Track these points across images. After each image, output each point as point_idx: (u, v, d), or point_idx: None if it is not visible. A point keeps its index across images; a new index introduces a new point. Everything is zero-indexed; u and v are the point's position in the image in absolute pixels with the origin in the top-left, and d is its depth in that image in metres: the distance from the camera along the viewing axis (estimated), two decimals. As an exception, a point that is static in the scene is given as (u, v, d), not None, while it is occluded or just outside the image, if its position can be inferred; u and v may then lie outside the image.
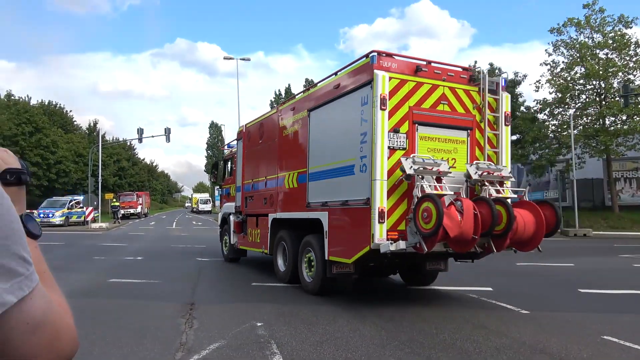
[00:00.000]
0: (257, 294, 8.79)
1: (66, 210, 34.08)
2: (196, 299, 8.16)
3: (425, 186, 6.80)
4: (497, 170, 7.35)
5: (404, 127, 7.17)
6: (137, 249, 18.11)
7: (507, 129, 7.87)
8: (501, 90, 7.94)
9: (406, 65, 7.38)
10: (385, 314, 7.04)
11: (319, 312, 7.12)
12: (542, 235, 6.84)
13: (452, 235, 6.40)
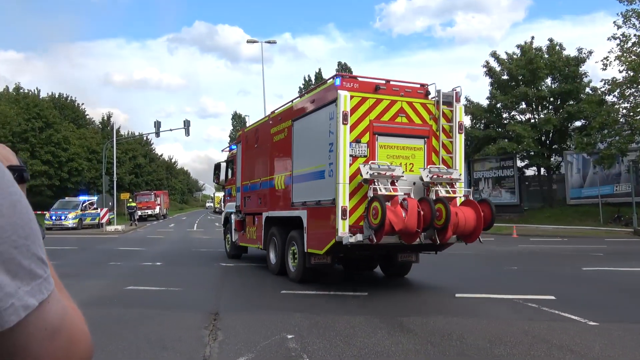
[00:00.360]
0: (287, 302, 8.90)
1: (79, 212, 35.05)
2: (220, 308, 8.29)
3: (380, 188, 9.03)
4: (447, 173, 9.63)
5: (365, 137, 9.56)
6: (156, 253, 18.42)
7: (461, 137, 10.25)
8: (455, 101, 10.24)
9: (367, 84, 9.85)
10: (430, 325, 7.04)
11: (355, 323, 7.19)
12: (480, 229, 9.22)
13: (397, 229, 8.68)
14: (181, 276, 12.31)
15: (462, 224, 9.31)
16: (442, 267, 14.03)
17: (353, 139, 9.64)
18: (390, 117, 9.98)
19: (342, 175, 9.43)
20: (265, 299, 9.26)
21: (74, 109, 59.38)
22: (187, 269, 13.99)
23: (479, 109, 38.66)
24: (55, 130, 48.28)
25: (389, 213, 8.84)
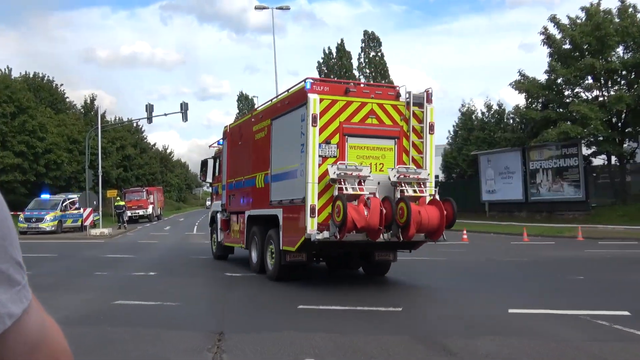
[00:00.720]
0: (305, 319, 8.98)
1: (59, 213, 35.56)
2: (225, 326, 8.38)
3: (346, 188, 11.25)
4: (415, 173, 11.82)
5: (335, 138, 11.78)
6: (149, 261, 18.57)
7: (432, 137, 12.47)
8: (426, 102, 12.42)
9: (337, 87, 12.22)
10: (478, 348, 7.05)
11: (388, 345, 7.20)
12: (443, 226, 11.45)
13: (360, 226, 10.87)
14: (179, 288, 12.38)
15: (425, 222, 11.55)
16: (492, 277, 14.05)
17: (323, 140, 11.93)
18: (360, 119, 12.26)
19: (311, 175, 11.72)
20: (278, 315, 9.37)
21: (52, 91, 60.08)
22: (185, 279, 14.06)
23: (535, 86, 38.19)
24: (30, 116, 48.76)
25: (352, 211, 11.10)
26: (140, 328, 8.30)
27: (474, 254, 20.20)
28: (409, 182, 12.10)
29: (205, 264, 17.69)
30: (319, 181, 11.91)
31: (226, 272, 15.20)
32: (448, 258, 18.68)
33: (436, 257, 18.88)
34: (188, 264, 18.03)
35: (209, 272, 15.59)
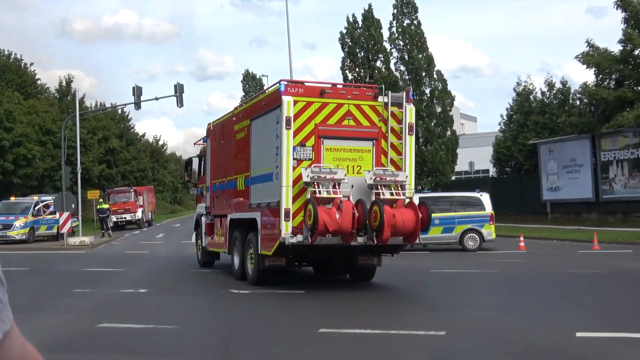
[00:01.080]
0: (329, 346, 9.00)
1: (30, 219, 35.86)
2: (233, 355, 8.44)
3: (321, 191, 13.15)
4: (392, 176, 13.67)
5: (310, 141, 13.67)
6: (139, 276, 18.77)
7: (411, 138, 14.37)
8: (405, 102, 14.31)
9: (312, 89, 14.08)
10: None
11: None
12: (418, 229, 13.35)
13: (331, 230, 12.77)
14: (175, 308, 12.46)
15: (400, 226, 13.37)
16: (556, 293, 14.01)
17: (298, 142, 13.82)
18: (336, 121, 14.13)
19: (285, 178, 13.59)
20: (297, 341, 9.42)
21: (20, 71, 60.27)
22: (183, 298, 14.17)
23: (606, 59, 37.68)
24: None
25: (324, 214, 12.97)
26: (130, 356, 8.36)
27: (532, 265, 20.19)
28: (386, 185, 13.94)
29: (207, 279, 17.82)
30: (294, 184, 13.80)
31: (230, 287, 15.30)
32: (501, 270, 18.68)
33: (487, 268, 18.89)
34: (186, 278, 18.14)
35: (211, 289, 15.69)
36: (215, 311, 12.37)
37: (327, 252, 15.02)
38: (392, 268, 19.32)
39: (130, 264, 22.55)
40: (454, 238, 25.64)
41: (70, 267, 21.75)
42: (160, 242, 35.82)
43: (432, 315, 11.53)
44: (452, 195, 28.06)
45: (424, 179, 45.12)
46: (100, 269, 21.05)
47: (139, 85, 36.59)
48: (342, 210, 13.19)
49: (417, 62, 46.90)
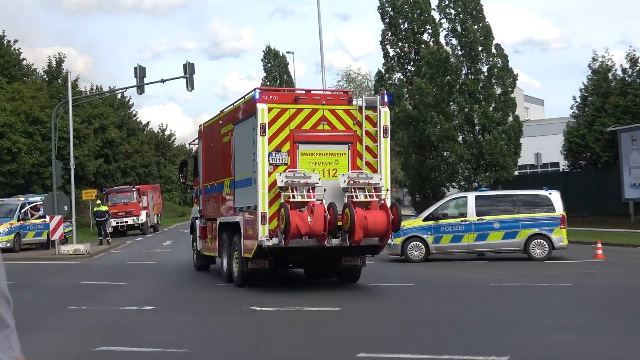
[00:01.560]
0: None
1: (16, 223, 36.21)
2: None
3: (295, 195, 15.97)
4: (366, 179, 16.52)
5: (285, 146, 16.49)
6: (144, 290, 18.99)
7: (386, 141, 17.24)
8: (380, 106, 17.27)
9: (287, 95, 17.32)
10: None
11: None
12: (389, 230, 16.32)
13: (304, 232, 15.50)
14: (186, 329, 12.54)
15: (371, 227, 16.20)
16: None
17: (273, 148, 16.73)
18: (311, 126, 17.03)
19: (261, 183, 16.53)
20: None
21: (2, 50, 60.78)
22: (196, 316, 14.26)
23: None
24: (-27, 87, 49.85)
25: (296, 218, 15.82)
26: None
27: (613, 278, 20.13)
28: (360, 188, 16.86)
29: (223, 294, 17.98)
30: (270, 189, 16.75)
31: (252, 304, 15.33)
32: (575, 283, 18.60)
33: (557, 281, 18.83)
34: (199, 293, 18.33)
35: (229, 305, 15.83)
36: (234, 332, 12.41)
37: (306, 254, 18.25)
38: (441, 281, 19.30)
39: (134, 277, 22.73)
40: (518, 245, 25.37)
41: (63, 280, 21.96)
42: (168, 251, 36.01)
43: (491, 337, 11.48)
44: (515, 193, 27.87)
45: (480, 174, 44.62)
46: (98, 282, 21.23)
47: (141, 66, 36.43)
48: (314, 213, 16.14)
49: (472, 35, 46.22)
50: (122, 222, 52.49)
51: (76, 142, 48.16)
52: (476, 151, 44.21)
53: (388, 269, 23.30)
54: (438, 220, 25.45)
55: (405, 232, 24.88)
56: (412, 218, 28.09)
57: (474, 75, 45.50)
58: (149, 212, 57.53)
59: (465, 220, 25.26)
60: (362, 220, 16.10)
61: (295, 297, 16.69)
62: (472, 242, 25.14)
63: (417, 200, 50.18)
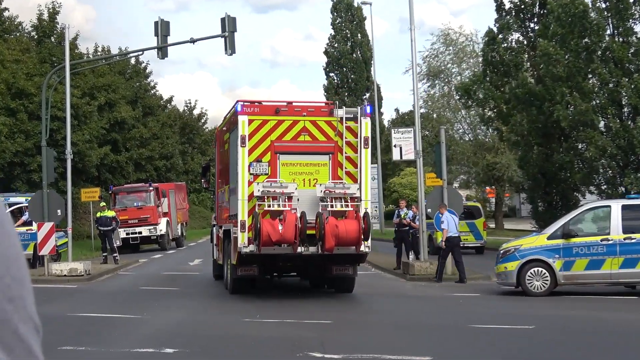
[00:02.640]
0: None
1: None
2: None
3: (272, 204, 23.98)
4: (342, 189, 24.10)
5: (266, 157, 24.27)
6: (163, 326, 19.32)
7: (367, 151, 24.74)
8: (361, 117, 24.81)
9: (268, 107, 25.67)
10: None
11: None
12: (360, 238, 23.80)
13: (274, 240, 23.25)
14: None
15: (343, 235, 22.50)
16: None
17: (254, 158, 23.16)
18: (292, 137, 23.43)
19: (241, 192, 23.04)
20: None
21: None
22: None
23: None
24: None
25: (267, 226, 22.20)
26: None
27: None
28: (337, 197, 23.60)
29: (270, 335, 18.17)
30: (250, 199, 23.53)
31: (311, 349, 15.36)
32: None
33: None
34: (237, 330, 18.59)
35: (279, 350, 15.95)
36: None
37: (286, 261, 25.79)
38: (575, 324, 19.19)
39: (149, 307, 23.11)
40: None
41: (55, 311, 22.00)
42: (196, 273, 36.55)
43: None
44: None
45: (629, 175, 43.56)
46: (101, 314, 21.61)
47: (163, 20, 36.20)
48: (285, 222, 22.93)
49: (621, -19, 45.79)
50: (135, 233, 53.14)
51: (74, 123, 48.52)
52: (624, 143, 43.28)
53: (497, 305, 23.80)
54: (569, 238, 25.25)
55: (523, 254, 25.15)
56: (533, 235, 27.95)
57: (623, 37, 44.89)
58: (171, 220, 58.37)
59: (608, 239, 24.94)
60: (333, 228, 22.84)
61: (371, 344, 16.72)
62: (617, 269, 24.76)
63: (539, 210, 49.32)
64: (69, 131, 39.13)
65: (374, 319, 21.17)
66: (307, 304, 25.09)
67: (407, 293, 28.73)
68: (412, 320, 20.51)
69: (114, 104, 64.50)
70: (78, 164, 51.26)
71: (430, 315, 22.10)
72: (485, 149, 72.71)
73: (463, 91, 55.27)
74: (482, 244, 49.53)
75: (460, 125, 76.15)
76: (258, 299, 25.15)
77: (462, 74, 73.62)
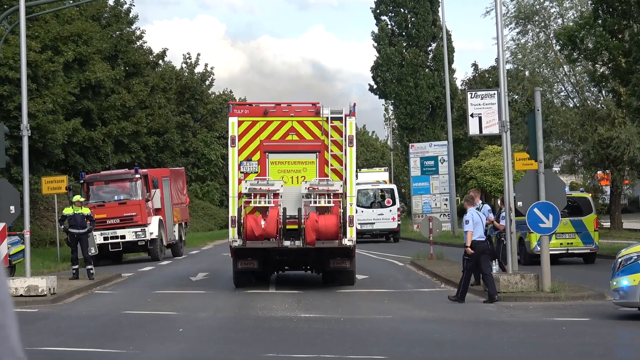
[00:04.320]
0: None
1: None
2: None
3: (260, 201, 38.55)
4: (325, 186, 37.85)
5: (255, 156, 39.20)
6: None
7: (351, 149, 38.39)
8: (346, 116, 38.78)
9: (257, 109, 41.39)
10: None
11: None
12: (338, 232, 37.78)
13: (257, 234, 37.18)
14: None
15: (322, 229, 35.39)
16: None
17: (244, 158, 36.70)
18: (281, 136, 36.96)
19: (231, 189, 37.30)
20: None
21: None
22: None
23: None
24: None
25: (251, 221, 35.26)
26: None
27: None
28: (321, 194, 34.54)
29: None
30: (240, 196, 35.15)
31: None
32: None
33: None
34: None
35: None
36: None
37: (287, 255, 37.83)
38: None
39: (137, 339, 23.29)
40: None
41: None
42: (200, 291, 37.59)
43: None
44: None
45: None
46: (71, 347, 21.86)
47: None
48: (267, 217, 32.95)
49: None
50: (116, 238, 53.60)
51: (32, 88, 49.17)
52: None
53: (615, 333, 23.85)
54: None
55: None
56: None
57: None
58: (165, 220, 58.94)
59: None
60: (313, 223, 33.47)
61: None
62: None
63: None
64: (25, 98, 39.38)
65: (446, 356, 21.13)
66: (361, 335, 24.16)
67: (489, 318, 29.26)
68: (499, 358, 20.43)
69: (85, 60, 64.90)
70: (38, 143, 51.79)
71: (525, 351, 21.75)
72: (597, 119, 71.20)
73: (566, 39, 55.20)
74: (593, 250, 48.86)
75: (562, 87, 75.74)
76: (285, 330, 25.23)
77: (565, 16, 73.44)
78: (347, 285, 36.89)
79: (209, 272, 45.84)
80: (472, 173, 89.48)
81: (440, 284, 38.62)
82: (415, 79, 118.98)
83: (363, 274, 45.20)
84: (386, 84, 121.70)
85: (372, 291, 39.53)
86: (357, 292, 38.70)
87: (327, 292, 38.09)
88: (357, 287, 40.49)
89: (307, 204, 31.14)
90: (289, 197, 32.51)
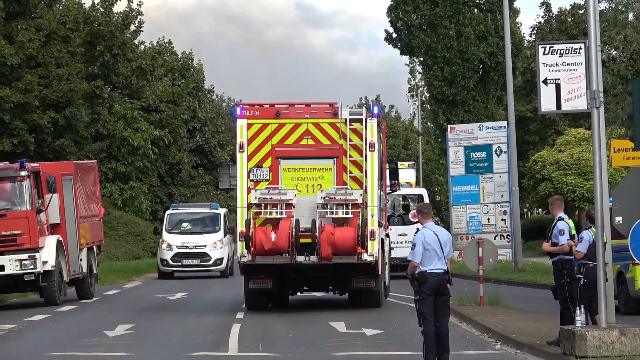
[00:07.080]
0: None
1: None
2: None
3: (271, 212, 70.66)
4: (343, 195, 67.59)
5: (267, 162, 70.05)
6: None
7: (372, 155, 68.41)
8: (367, 118, 69.71)
9: (268, 110, 73.71)
10: None
11: None
12: (355, 246, 65.65)
13: (267, 249, 65.73)
14: None
15: (339, 243, 55.66)
16: None
17: (254, 164, 60.73)
18: (294, 140, 60.44)
19: (240, 200, 62.42)
20: None
21: None
22: None
23: None
24: None
25: (260, 234, 57.31)
26: None
27: None
28: (339, 204, 52.99)
29: None
30: (249, 207, 54.54)
31: None
32: None
33: None
34: None
35: None
36: None
37: (303, 273, 55.32)
38: None
39: None
40: None
41: None
42: (121, 354, 38.14)
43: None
44: None
45: None
46: None
47: None
48: (278, 230, 47.58)
49: None
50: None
51: None
52: None
53: None
54: None
55: None
56: None
57: None
58: (66, 241, 59.08)
59: None
60: (329, 236, 44.86)
61: None
62: None
63: None
64: None
65: None
66: None
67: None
68: None
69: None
70: None
71: None
72: None
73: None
74: None
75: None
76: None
77: None
78: (372, 307, 45.70)
79: (135, 323, 45.44)
80: (544, 171, 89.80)
81: (494, 342, 38.53)
82: (458, 24, 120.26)
83: (374, 327, 46.93)
84: (412, 32, 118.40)
85: (385, 354, 39.55)
86: (363, 356, 39.78)
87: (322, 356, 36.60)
88: (363, 349, 40.50)
89: (323, 215, 37.70)
90: (303, 208, 40.12)
